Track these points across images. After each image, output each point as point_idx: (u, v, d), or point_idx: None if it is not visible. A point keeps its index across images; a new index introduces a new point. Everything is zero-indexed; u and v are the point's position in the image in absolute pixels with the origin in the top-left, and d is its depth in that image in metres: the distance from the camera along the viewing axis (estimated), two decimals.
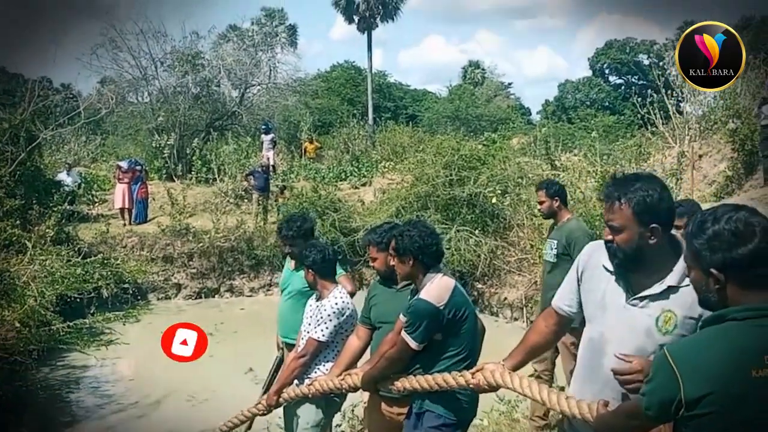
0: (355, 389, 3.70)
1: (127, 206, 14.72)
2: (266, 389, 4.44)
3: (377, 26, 37.37)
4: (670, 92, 15.78)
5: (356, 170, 19.01)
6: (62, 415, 7.99)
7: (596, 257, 2.42)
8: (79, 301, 10.51)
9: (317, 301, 4.04)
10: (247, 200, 16.13)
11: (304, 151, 21.79)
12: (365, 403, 3.95)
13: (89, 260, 11.33)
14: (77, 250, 11.53)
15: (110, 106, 17.16)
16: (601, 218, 8.47)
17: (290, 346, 4.47)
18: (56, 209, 11.90)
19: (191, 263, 13.79)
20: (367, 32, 36.78)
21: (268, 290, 13.88)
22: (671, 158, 14.17)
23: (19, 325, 8.37)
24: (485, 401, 4.20)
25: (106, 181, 17.97)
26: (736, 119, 12.88)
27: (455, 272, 10.81)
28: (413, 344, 3.20)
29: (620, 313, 2.29)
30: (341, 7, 36.68)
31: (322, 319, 3.90)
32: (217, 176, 17.32)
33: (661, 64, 18.66)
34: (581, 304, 2.49)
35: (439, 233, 3.57)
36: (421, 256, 3.27)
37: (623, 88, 43.82)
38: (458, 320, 3.23)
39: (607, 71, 46.03)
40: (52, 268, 10.14)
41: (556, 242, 5.26)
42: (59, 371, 9.24)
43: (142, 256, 13.50)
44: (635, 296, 2.26)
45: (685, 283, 2.11)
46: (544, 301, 5.56)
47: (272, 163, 18.34)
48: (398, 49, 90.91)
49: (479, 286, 12.14)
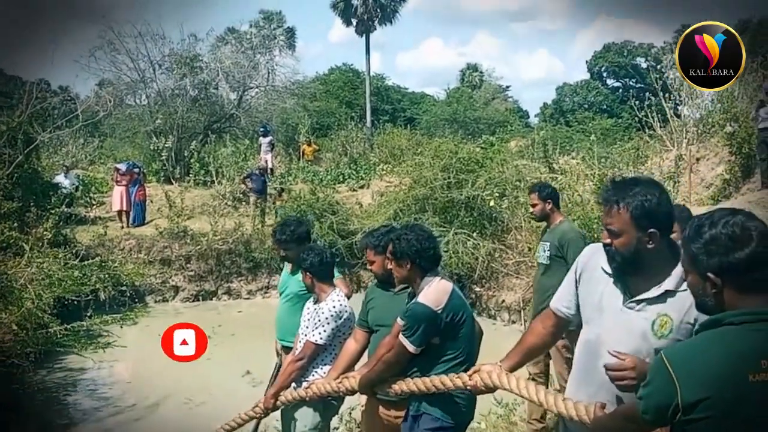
0: (352, 392, 3.70)
1: (124, 209, 14.70)
2: None
3: (375, 29, 37.34)
4: (667, 95, 15.82)
5: (354, 173, 19.01)
6: (59, 417, 7.96)
7: (595, 259, 2.42)
8: (76, 303, 10.51)
9: (315, 304, 4.04)
10: (245, 203, 16.09)
11: (302, 153, 21.78)
12: (363, 406, 3.95)
13: (87, 263, 11.34)
14: (75, 252, 11.54)
15: (108, 108, 17.14)
16: (598, 221, 8.49)
17: (287, 348, 4.46)
18: (54, 212, 11.92)
19: (189, 266, 13.77)
20: (365, 35, 36.74)
21: (265, 293, 13.87)
22: (669, 161, 14.20)
23: (16, 327, 8.38)
24: (483, 404, 4.21)
25: (103, 183, 17.96)
26: (733, 122, 12.90)
27: (453, 275, 10.81)
28: (411, 348, 3.20)
29: (617, 315, 2.29)
30: (339, 9, 36.64)
31: (319, 322, 3.90)
32: (215, 179, 17.31)
33: (658, 67, 18.74)
34: (579, 306, 2.50)
35: (436, 236, 3.57)
36: (418, 259, 3.27)
37: (621, 91, 43.84)
38: (456, 324, 3.22)
39: (605, 74, 46.05)
40: (49, 270, 10.14)
41: (549, 244, 5.29)
42: (56, 374, 9.21)
43: (139, 258, 13.50)
44: (632, 299, 2.26)
45: (682, 287, 2.11)
46: (536, 303, 5.58)
47: (270, 165, 18.32)
48: (396, 51, 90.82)
49: (477, 288, 12.15)
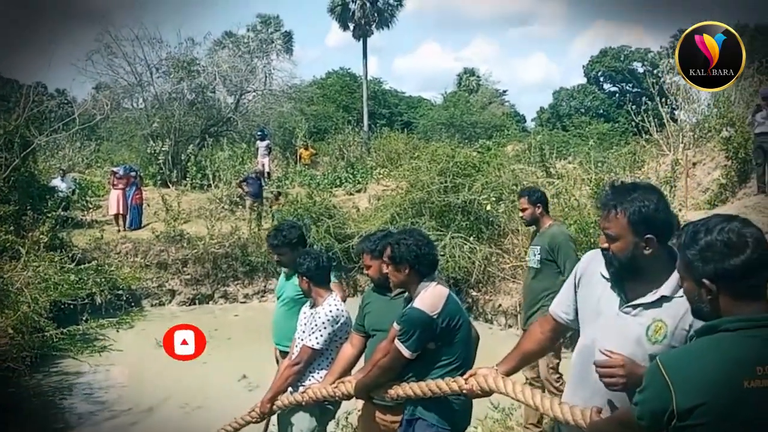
0: (348, 397, 3.69)
1: (121, 212, 14.70)
2: None
3: (372, 33, 37.45)
4: (664, 100, 15.89)
5: (351, 177, 19.02)
6: (55, 421, 7.94)
7: (594, 264, 2.43)
8: (72, 307, 10.47)
9: (311, 308, 4.02)
10: (241, 207, 16.10)
11: (299, 157, 21.81)
12: (359, 411, 3.94)
13: (83, 266, 11.30)
14: (71, 256, 11.51)
15: (105, 112, 17.17)
16: (595, 225, 8.51)
17: (283, 353, 4.46)
18: (50, 215, 11.90)
19: (185, 269, 13.75)
20: (362, 39, 36.79)
21: (262, 297, 13.86)
22: (665, 166, 14.22)
23: (12, 331, 8.37)
24: (479, 409, 4.20)
25: (100, 187, 17.96)
26: (729, 127, 12.94)
27: (450, 279, 10.81)
28: (406, 353, 3.20)
29: (613, 320, 2.29)
30: (337, 14, 36.70)
31: (316, 326, 3.89)
32: (212, 182, 17.31)
33: (655, 71, 18.82)
34: (577, 311, 2.50)
35: (433, 240, 3.57)
36: (416, 264, 3.26)
37: (618, 95, 43.92)
38: (452, 329, 3.22)
39: (601, 79, 46.15)
40: (45, 274, 10.12)
41: (539, 248, 5.31)
42: (52, 378, 9.19)
43: (136, 262, 13.47)
44: (628, 304, 2.27)
45: (678, 293, 2.11)
46: (526, 307, 5.58)
47: (267, 169, 18.34)
48: (393, 56, 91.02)
49: (473, 293, 12.13)
